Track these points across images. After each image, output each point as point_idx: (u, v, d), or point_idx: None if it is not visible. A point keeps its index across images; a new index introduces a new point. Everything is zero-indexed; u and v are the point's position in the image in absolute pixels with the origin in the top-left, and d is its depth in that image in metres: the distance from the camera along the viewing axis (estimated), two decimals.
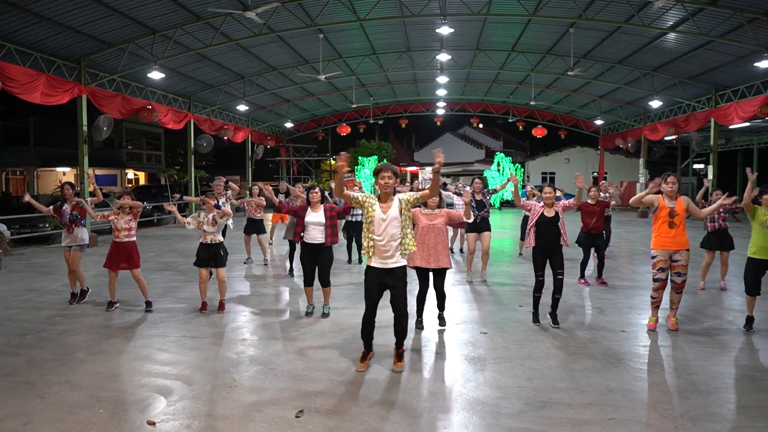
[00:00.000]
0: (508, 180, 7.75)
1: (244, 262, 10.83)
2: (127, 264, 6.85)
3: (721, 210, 7.75)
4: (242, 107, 22.68)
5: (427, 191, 4.74)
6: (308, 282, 6.53)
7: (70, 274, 7.27)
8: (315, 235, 6.37)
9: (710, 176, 19.29)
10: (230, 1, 12.67)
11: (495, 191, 8.90)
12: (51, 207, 7.43)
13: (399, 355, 4.80)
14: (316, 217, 6.37)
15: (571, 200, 6.36)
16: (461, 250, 12.24)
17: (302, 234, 6.41)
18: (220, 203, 9.21)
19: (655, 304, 5.93)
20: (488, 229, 8.56)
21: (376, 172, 4.67)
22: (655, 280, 5.82)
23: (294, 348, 5.40)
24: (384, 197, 4.64)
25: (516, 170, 27.59)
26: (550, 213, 6.04)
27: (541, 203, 6.16)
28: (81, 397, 4.20)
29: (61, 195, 7.35)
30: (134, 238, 6.94)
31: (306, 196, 6.59)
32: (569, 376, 4.60)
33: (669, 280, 5.81)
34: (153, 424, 3.75)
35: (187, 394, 4.25)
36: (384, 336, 5.74)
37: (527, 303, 6.84)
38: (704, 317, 6.51)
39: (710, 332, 5.89)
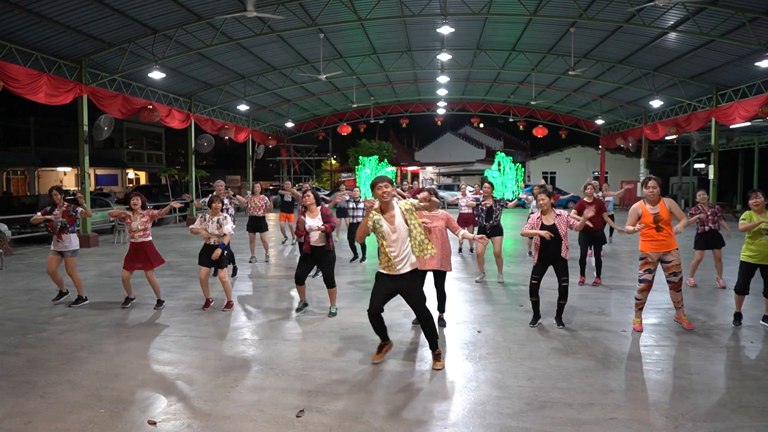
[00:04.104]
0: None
1: (249, 261, 10.84)
2: (143, 264, 6.93)
3: (710, 213, 7.98)
4: (243, 107, 22.69)
5: (425, 204, 4.85)
6: (299, 281, 6.58)
7: (54, 276, 7.21)
8: (314, 238, 6.44)
9: (711, 176, 19.27)
10: (231, 1, 12.69)
11: (505, 206, 8.87)
12: (39, 213, 7.19)
13: (436, 356, 4.84)
14: (315, 222, 6.43)
15: (574, 222, 6.20)
16: (471, 250, 12.25)
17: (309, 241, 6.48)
18: (224, 206, 9.27)
19: (639, 306, 5.94)
20: (499, 233, 8.53)
21: (373, 185, 4.73)
22: (641, 281, 5.82)
23: (295, 348, 5.40)
24: (385, 207, 4.70)
25: (516, 170, 27.55)
26: (548, 221, 5.97)
27: (537, 213, 6.11)
28: (82, 396, 4.21)
29: (50, 200, 7.28)
30: (150, 238, 7.03)
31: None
32: (570, 375, 4.60)
33: (666, 281, 5.84)
34: (154, 423, 3.76)
35: (187, 394, 4.26)
36: (389, 334, 5.74)
37: (528, 303, 6.83)
38: (704, 317, 6.51)
39: (710, 332, 5.89)
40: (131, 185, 37.00)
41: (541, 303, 6.35)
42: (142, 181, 39.06)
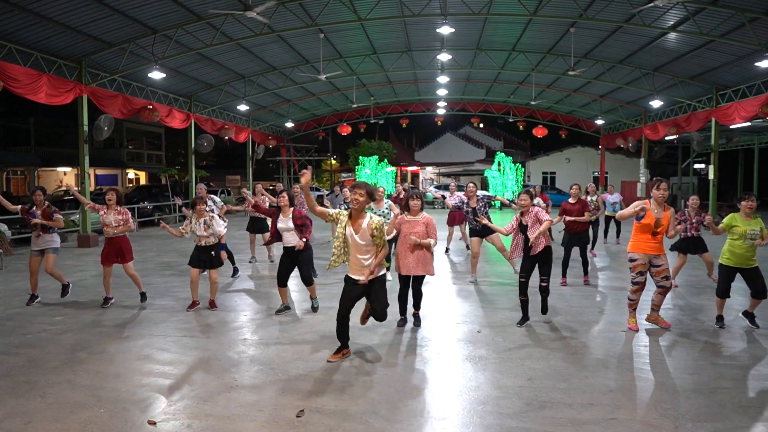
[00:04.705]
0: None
1: (249, 261, 10.84)
2: (120, 258, 6.95)
3: (695, 220, 8.00)
4: (243, 107, 22.69)
5: (389, 228, 4.85)
6: (280, 283, 6.62)
7: (33, 276, 7.22)
8: (289, 239, 6.54)
9: (711, 176, 19.26)
10: (231, 1, 12.69)
11: (492, 200, 8.84)
12: (20, 207, 7.25)
13: (364, 317, 5.25)
14: (286, 222, 6.53)
15: (545, 221, 6.02)
16: (469, 248, 12.19)
17: (273, 238, 6.65)
18: (208, 207, 9.21)
19: (633, 306, 5.99)
20: (492, 231, 8.51)
21: (353, 186, 4.80)
22: (634, 283, 5.85)
23: (295, 348, 5.40)
24: (355, 214, 4.76)
25: (516, 170, 27.56)
26: (526, 220, 6.00)
27: (516, 214, 6.15)
28: (82, 396, 4.21)
29: (32, 200, 7.25)
30: (125, 233, 7.02)
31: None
32: (570, 375, 4.60)
33: (656, 285, 5.85)
34: (154, 423, 3.76)
35: (187, 394, 4.26)
36: (380, 336, 5.75)
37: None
38: (704, 317, 6.51)
39: (709, 332, 5.89)
40: (131, 185, 36.97)
41: (538, 303, 6.38)
42: (142, 181, 39.04)
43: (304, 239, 6.47)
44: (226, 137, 23.15)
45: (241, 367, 4.85)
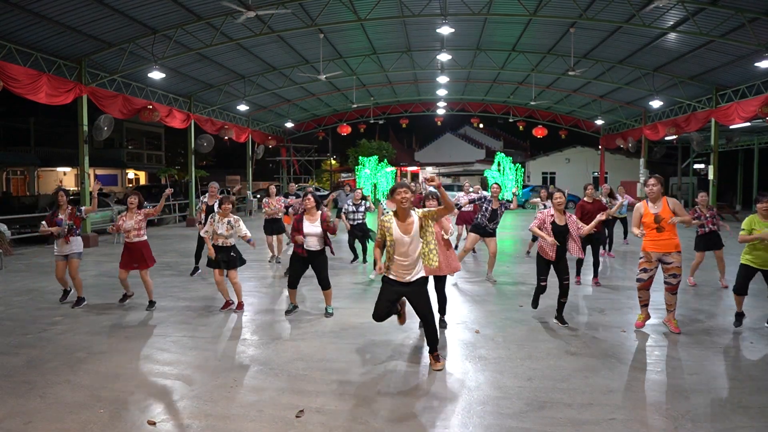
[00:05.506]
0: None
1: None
2: (139, 264, 6.94)
3: (708, 215, 8.06)
4: (243, 107, 22.67)
5: (442, 208, 4.64)
6: (292, 284, 6.58)
7: (61, 280, 7.28)
8: (311, 243, 6.45)
9: (710, 176, 19.26)
10: (231, 1, 12.68)
11: (508, 208, 8.84)
12: (44, 223, 7.08)
13: (435, 357, 4.83)
14: (313, 228, 6.41)
15: (581, 228, 6.18)
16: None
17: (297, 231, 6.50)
18: (214, 206, 9.15)
19: (643, 303, 5.97)
20: (494, 234, 8.60)
21: (392, 191, 4.67)
22: (636, 280, 5.89)
23: (294, 348, 5.40)
24: (402, 214, 4.62)
25: (516, 170, 27.58)
26: (561, 221, 6.00)
27: (549, 210, 6.12)
28: (81, 396, 4.21)
29: (55, 202, 7.25)
30: (145, 238, 7.03)
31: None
32: (570, 376, 4.60)
33: (663, 282, 5.84)
34: (153, 423, 3.76)
35: (187, 394, 4.26)
36: (380, 337, 5.74)
37: (527, 303, 6.84)
38: (704, 317, 6.51)
39: (710, 332, 5.89)
40: (131, 185, 36.98)
41: (540, 304, 6.41)
42: (142, 181, 39.04)
43: (329, 230, 6.48)
44: (226, 137, 23.14)
45: (241, 367, 4.85)
